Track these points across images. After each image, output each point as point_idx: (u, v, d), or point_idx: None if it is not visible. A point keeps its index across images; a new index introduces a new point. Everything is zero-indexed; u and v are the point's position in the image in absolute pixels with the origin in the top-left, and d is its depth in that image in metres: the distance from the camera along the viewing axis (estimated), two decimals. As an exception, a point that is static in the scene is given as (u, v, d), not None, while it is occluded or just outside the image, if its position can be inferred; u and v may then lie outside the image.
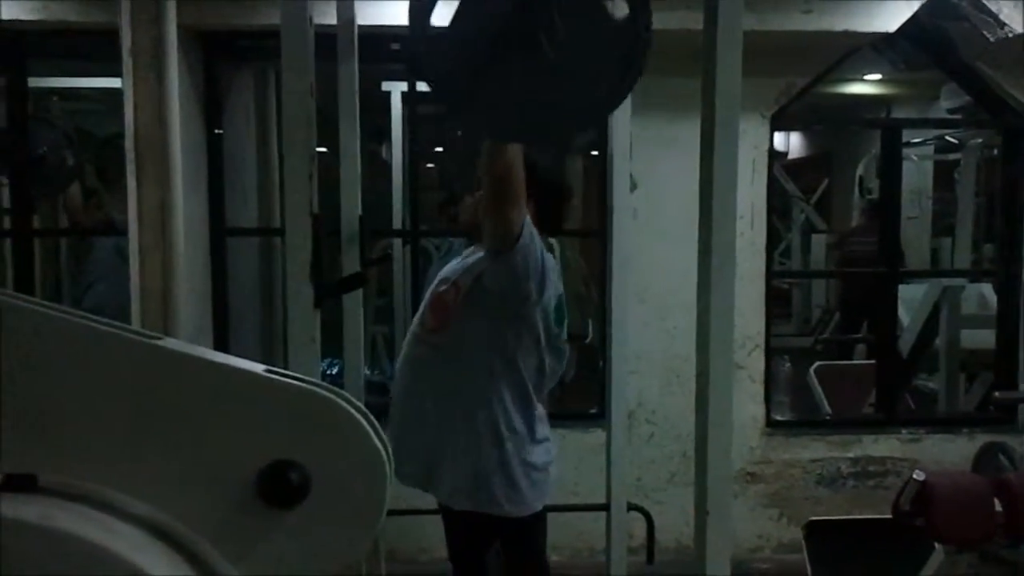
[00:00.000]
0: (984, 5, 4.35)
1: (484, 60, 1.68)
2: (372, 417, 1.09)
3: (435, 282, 2.83)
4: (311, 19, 1.91)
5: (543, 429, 2.75)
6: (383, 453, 1.05)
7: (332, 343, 3.18)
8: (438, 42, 1.68)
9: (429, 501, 2.87)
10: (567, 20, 1.66)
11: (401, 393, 2.80)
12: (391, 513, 1.10)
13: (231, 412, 1.05)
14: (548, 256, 2.65)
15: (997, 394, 4.65)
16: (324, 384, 1.07)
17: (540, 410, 2.76)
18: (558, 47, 1.65)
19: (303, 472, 1.03)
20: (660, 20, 3.96)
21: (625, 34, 1.70)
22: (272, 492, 1.04)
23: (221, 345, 4.57)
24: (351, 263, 3.13)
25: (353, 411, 1.05)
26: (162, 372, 1.05)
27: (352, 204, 3.16)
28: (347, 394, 1.07)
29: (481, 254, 2.66)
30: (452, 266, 2.85)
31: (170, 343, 1.06)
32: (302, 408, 1.06)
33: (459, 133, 3.48)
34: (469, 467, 2.64)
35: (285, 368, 1.27)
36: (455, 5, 1.69)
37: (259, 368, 1.08)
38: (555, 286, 2.69)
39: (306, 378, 1.07)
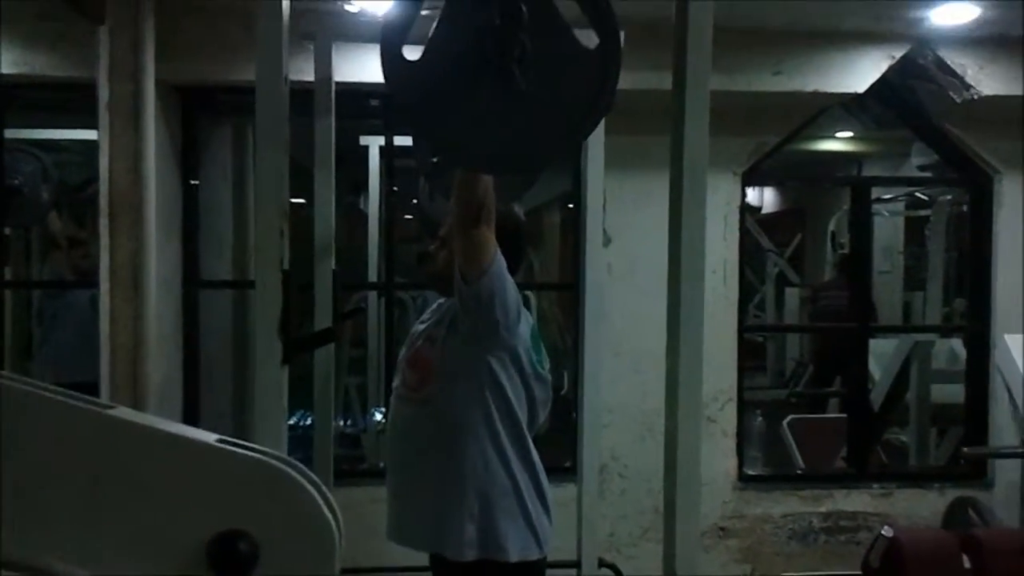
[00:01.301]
0: (950, 67, 4.45)
1: (456, 89, 1.70)
2: (324, 488, 1.09)
3: (410, 339, 2.83)
4: (286, 77, 1.94)
5: (539, 472, 2.73)
6: (332, 524, 1.05)
7: (305, 395, 3.18)
8: (411, 70, 1.70)
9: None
10: (538, 50, 1.68)
11: (396, 457, 2.77)
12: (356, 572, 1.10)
13: (182, 482, 1.05)
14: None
15: (966, 449, 4.68)
16: (276, 454, 1.07)
17: (535, 455, 2.73)
18: (529, 77, 1.67)
19: (252, 542, 1.03)
20: (634, 80, 4.04)
21: (596, 63, 1.72)
22: (221, 562, 1.03)
23: (191, 398, 4.54)
24: (324, 317, 3.14)
25: (304, 482, 1.06)
26: (114, 442, 1.05)
27: (326, 258, 3.18)
28: (299, 464, 1.07)
29: (450, 302, 2.66)
30: (425, 319, 2.86)
31: (123, 412, 1.06)
32: (253, 478, 1.06)
33: (429, 173, 3.48)
34: (475, 516, 2.61)
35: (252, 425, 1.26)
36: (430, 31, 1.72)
37: (211, 438, 1.08)
38: (528, 320, 2.69)
39: (258, 447, 1.07)
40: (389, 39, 1.70)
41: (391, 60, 1.70)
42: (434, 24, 1.70)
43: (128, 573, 1.01)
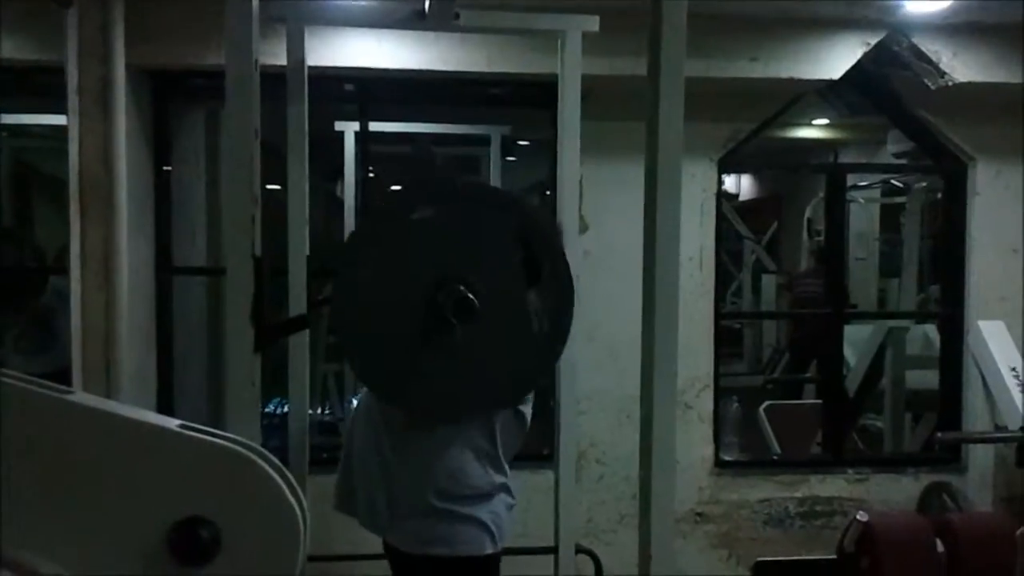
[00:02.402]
0: (925, 54, 4.47)
1: (404, 351, 1.77)
2: (288, 474, 1.08)
3: None
4: (257, 61, 1.90)
5: (503, 477, 2.73)
6: (297, 511, 1.04)
7: (283, 382, 3.15)
8: (362, 329, 1.78)
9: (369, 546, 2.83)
10: (484, 320, 1.74)
11: (363, 440, 2.76)
12: (327, 559, 1.09)
13: (142, 468, 1.03)
14: None
15: (940, 435, 4.71)
16: (239, 440, 1.05)
17: (502, 459, 2.74)
18: (476, 339, 1.74)
19: (214, 529, 1.01)
20: (610, 66, 4.03)
21: (541, 348, 1.80)
22: (183, 549, 1.02)
23: (165, 386, 4.50)
24: (297, 303, 3.11)
25: (268, 468, 1.04)
26: (72, 427, 1.02)
27: (299, 244, 3.15)
28: (263, 450, 1.06)
29: None
30: None
31: (81, 397, 1.04)
32: (215, 464, 1.04)
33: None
34: (428, 514, 2.61)
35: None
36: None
37: (173, 423, 1.06)
38: None
39: (222, 433, 1.05)
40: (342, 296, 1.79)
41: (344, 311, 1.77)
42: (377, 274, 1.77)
43: (86, 561, 0.99)
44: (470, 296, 1.70)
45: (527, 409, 2.74)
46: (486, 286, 1.75)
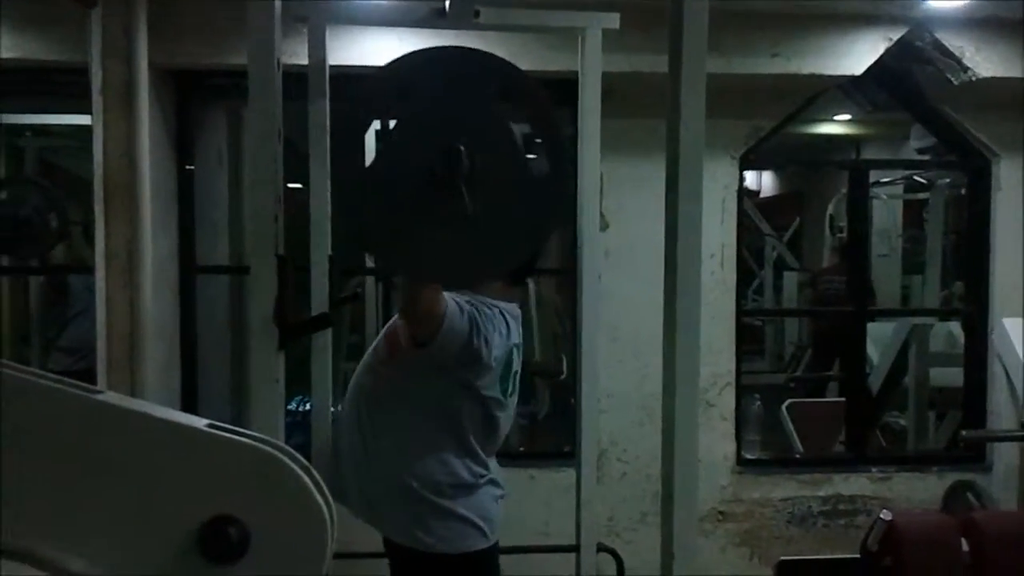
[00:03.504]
0: (948, 49, 4.43)
1: (406, 204, 1.75)
2: (315, 472, 1.08)
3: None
4: (279, 61, 1.91)
5: (483, 470, 2.73)
6: (324, 509, 1.05)
7: (305, 379, 3.17)
8: (364, 183, 1.77)
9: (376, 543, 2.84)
10: (488, 172, 1.73)
11: (347, 419, 2.79)
12: (338, 556, 1.10)
13: (171, 467, 1.04)
14: (494, 313, 2.65)
15: (964, 433, 4.68)
16: (266, 439, 1.06)
17: (482, 455, 2.74)
18: (477, 197, 1.72)
19: (243, 528, 1.02)
20: (631, 63, 4.02)
21: (543, 190, 1.78)
22: (212, 548, 1.02)
23: (189, 384, 4.53)
24: (320, 302, 3.12)
25: (295, 466, 1.05)
26: (102, 427, 1.04)
27: (322, 243, 3.16)
28: (290, 449, 1.07)
29: None
30: None
31: (111, 397, 1.05)
32: (242, 464, 1.05)
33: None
34: (407, 502, 2.63)
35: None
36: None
37: (201, 423, 1.07)
38: (509, 338, 2.70)
39: (249, 433, 1.06)
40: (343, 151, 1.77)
41: (345, 165, 1.76)
42: (388, 133, 1.76)
43: (116, 560, 1.00)
44: (459, 148, 1.72)
45: (501, 413, 2.74)
46: (481, 146, 1.77)
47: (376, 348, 2.80)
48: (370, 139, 1.94)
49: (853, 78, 4.52)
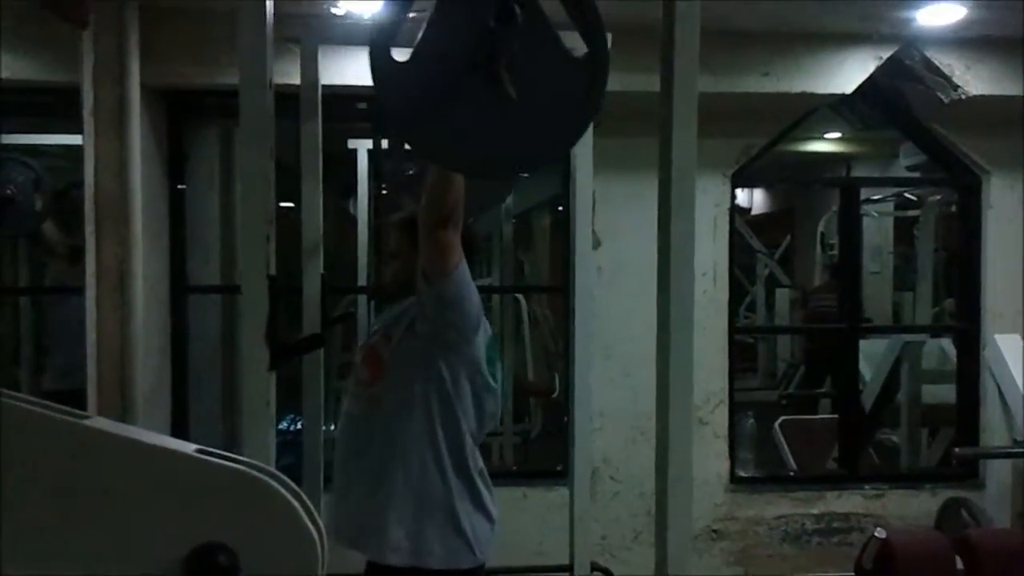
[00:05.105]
0: (937, 68, 4.46)
1: (444, 91, 1.69)
2: (305, 499, 1.07)
3: (367, 335, 2.82)
4: (271, 81, 1.91)
5: (481, 483, 2.72)
6: (315, 536, 1.03)
7: (297, 398, 3.16)
8: (399, 71, 1.69)
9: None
10: (527, 55, 1.67)
11: (340, 453, 2.77)
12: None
13: (160, 493, 1.03)
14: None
15: (957, 450, 4.68)
16: (257, 464, 1.05)
17: (480, 463, 2.73)
18: (517, 81, 1.67)
19: (232, 555, 1.00)
20: (623, 82, 4.04)
21: (583, 70, 1.72)
22: (200, 575, 1.01)
23: (180, 405, 4.51)
24: (311, 322, 3.12)
25: (286, 493, 1.04)
26: (90, 453, 1.02)
27: (314, 263, 3.16)
28: (280, 475, 1.05)
29: (409, 304, 2.65)
30: (382, 318, 2.85)
31: (99, 423, 1.04)
32: (232, 490, 1.04)
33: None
34: (407, 521, 2.60)
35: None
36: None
37: (190, 448, 1.06)
38: (487, 331, 2.69)
39: (240, 458, 1.05)
40: (379, 39, 1.69)
41: (380, 59, 1.69)
42: (423, 26, 1.70)
43: (104, 587, 0.99)
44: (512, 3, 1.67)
45: (490, 396, 2.70)
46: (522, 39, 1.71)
47: (356, 374, 2.77)
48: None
49: (844, 96, 4.55)
